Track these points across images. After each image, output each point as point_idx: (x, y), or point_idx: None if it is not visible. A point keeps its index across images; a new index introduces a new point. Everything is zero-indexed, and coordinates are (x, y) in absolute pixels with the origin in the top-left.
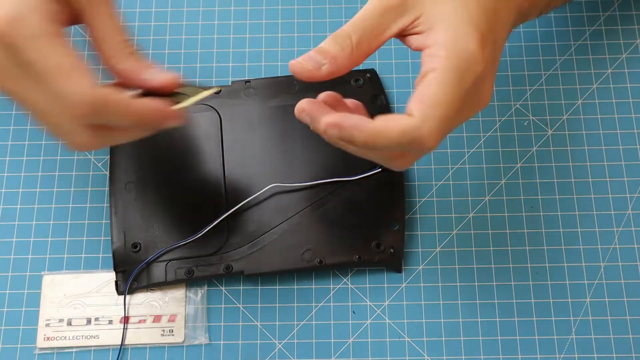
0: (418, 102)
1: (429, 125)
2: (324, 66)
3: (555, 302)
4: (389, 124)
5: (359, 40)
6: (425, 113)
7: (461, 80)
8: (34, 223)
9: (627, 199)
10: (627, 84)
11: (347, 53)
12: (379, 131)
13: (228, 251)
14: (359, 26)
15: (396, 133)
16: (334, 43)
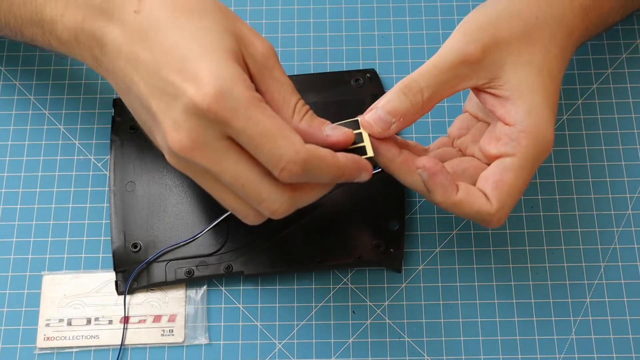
0: (497, 189)
1: (502, 212)
2: (392, 125)
3: (555, 302)
4: (470, 200)
5: (431, 96)
6: (503, 201)
7: (535, 167)
8: (34, 223)
9: (627, 199)
10: (627, 84)
11: (417, 109)
12: (459, 203)
13: (228, 251)
14: (432, 80)
15: (472, 211)
16: (404, 99)
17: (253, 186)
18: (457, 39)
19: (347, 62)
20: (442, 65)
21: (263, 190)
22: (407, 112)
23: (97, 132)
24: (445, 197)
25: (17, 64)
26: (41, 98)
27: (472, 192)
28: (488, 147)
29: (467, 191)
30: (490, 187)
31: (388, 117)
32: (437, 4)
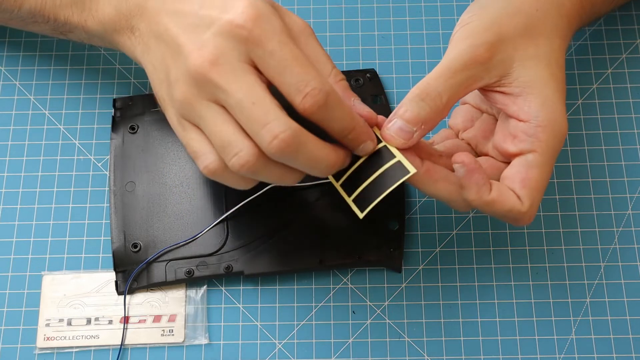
0: (525, 188)
1: (533, 210)
2: (415, 134)
3: (555, 302)
4: (502, 200)
5: (449, 99)
6: (533, 199)
7: (555, 159)
8: (34, 223)
9: (627, 199)
10: (628, 84)
11: (438, 114)
12: (491, 202)
13: (228, 251)
14: (448, 84)
15: (504, 210)
16: (424, 105)
17: (263, 105)
18: (464, 41)
19: (347, 62)
20: (454, 67)
21: (271, 111)
22: (428, 119)
23: (97, 132)
24: (479, 195)
25: (17, 64)
26: (41, 98)
27: (504, 191)
28: (504, 145)
29: (500, 190)
30: (519, 186)
31: (409, 126)
32: (437, 4)
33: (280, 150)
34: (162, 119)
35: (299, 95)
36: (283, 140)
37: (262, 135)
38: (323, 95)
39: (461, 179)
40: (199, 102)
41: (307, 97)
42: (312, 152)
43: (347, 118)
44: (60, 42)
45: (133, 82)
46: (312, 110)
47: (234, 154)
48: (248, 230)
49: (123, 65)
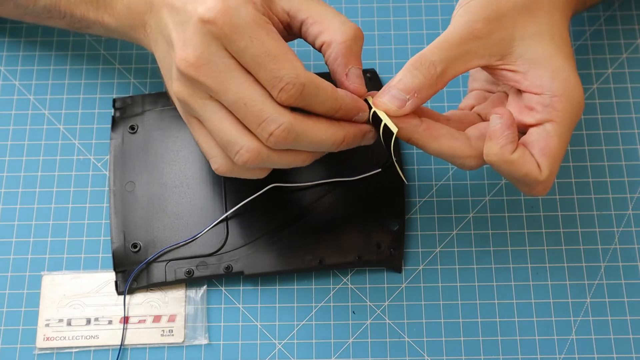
0: (544, 156)
1: (550, 179)
2: (408, 102)
3: (555, 302)
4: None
5: (444, 70)
6: (552, 168)
7: (572, 129)
8: (33, 223)
9: (627, 199)
10: (628, 84)
11: (431, 83)
12: (511, 162)
13: (228, 251)
14: (443, 55)
15: (522, 173)
16: (417, 73)
17: (255, 105)
18: (462, 17)
19: None
20: (451, 40)
21: (264, 109)
22: (421, 87)
23: (97, 132)
24: (502, 150)
25: (16, 64)
26: (41, 98)
27: (526, 155)
28: (520, 117)
29: (523, 153)
30: (538, 154)
31: (402, 94)
32: (437, 4)
33: (279, 144)
34: (162, 118)
35: (275, 91)
36: (279, 135)
37: (259, 133)
38: (297, 89)
39: (492, 129)
40: (194, 100)
41: (282, 92)
42: (314, 137)
43: (330, 101)
44: (60, 42)
45: (133, 82)
46: (290, 102)
47: (235, 152)
48: (248, 230)
49: (123, 65)
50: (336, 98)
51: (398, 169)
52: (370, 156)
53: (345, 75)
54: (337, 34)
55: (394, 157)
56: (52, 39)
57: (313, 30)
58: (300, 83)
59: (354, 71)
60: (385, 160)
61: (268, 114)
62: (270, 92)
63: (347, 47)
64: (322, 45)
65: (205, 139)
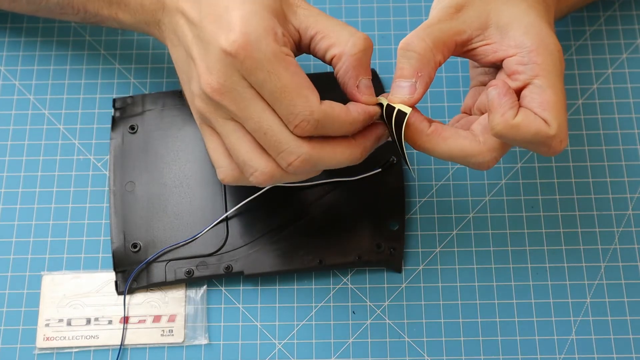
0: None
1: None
2: (417, 85)
3: (555, 302)
4: (528, 122)
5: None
6: (559, 119)
7: (562, 78)
8: (33, 223)
9: (627, 199)
10: (628, 84)
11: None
12: (516, 125)
13: (228, 251)
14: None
15: (531, 132)
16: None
17: (275, 134)
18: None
19: None
20: (430, 22)
21: (283, 140)
22: (419, 66)
23: (97, 132)
24: (505, 117)
25: (16, 64)
26: (41, 98)
27: (529, 115)
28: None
29: (526, 114)
30: (540, 111)
31: (407, 80)
32: None
33: (299, 171)
34: (162, 118)
35: (290, 126)
36: (298, 165)
37: (279, 161)
38: (312, 125)
39: (491, 102)
40: (215, 118)
41: (297, 129)
42: (332, 160)
43: (345, 126)
44: (60, 42)
45: (133, 82)
46: (306, 136)
47: (251, 173)
48: (248, 230)
49: (123, 65)
50: (350, 122)
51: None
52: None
53: (357, 87)
54: (347, 47)
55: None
56: (52, 39)
57: (322, 45)
58: (315, 119)
59: (364, 82)
60: (385, 161)
61: (287, 144)
62: (287, 124)
63: (357, 59)
64: (333, 59)
65: (217, 148)
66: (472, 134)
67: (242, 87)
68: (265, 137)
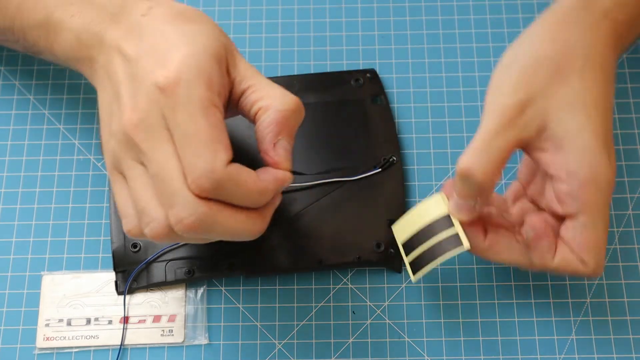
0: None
1: (599, 268)
2: (476, 205)
3: (555, 302)
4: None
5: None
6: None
7: (607, 208)
8: (33, 223)
9: (627, 199)
10: (628, 84)
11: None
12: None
13: (228, 251)
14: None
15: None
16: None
17: (173, 184)
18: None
19: (347, 62)
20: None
21: (180, 194)
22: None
23: (97, 132)
24: (543, 261)
25: (16, 64)
26: (41, 98)
27: (567, 256)
28: (554, 206)
29: (563, 256)
30: (579, 250)
31: (466, 202)
32: (437, 4)
33: (187, 231)
34: None
35: (189, 179)
36: (187, 225)
37: (169, 217)
38: (209, 184)
39: (529, 241)
40: (125, 160)
41: (193, 184)
42: (227, 228)
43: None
44: None
45: None
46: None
47: (146, 223)
48: None
49: None
50: (258, 191)
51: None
52: (371, 156)
53: (273, 145)
54: (277, 102)
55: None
56: None
57: (252, 98)
58: (214, 179)
59: (282, 143)
60: (385, 161)
61: (182, 199)
62: (187, 178)
63: (283, 116)
64: (258, 112)
65: (125, 197)
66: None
67: (159, 126)
68: (162, 185)
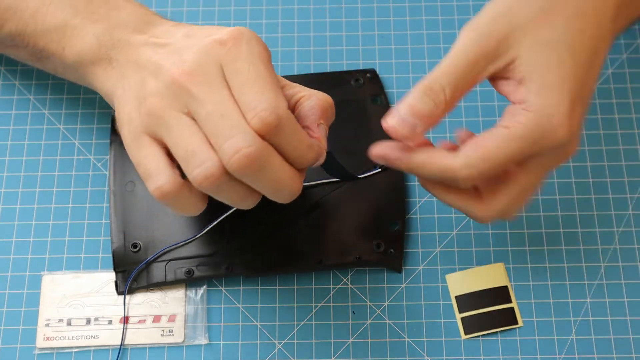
0: (471, 149)
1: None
2: (417, 128)
3: (555, 302)
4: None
5: (453, 94)
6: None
7: (529, 149)
8: (33, 223)
9: (627, 199)
10: (628, 84)
11: (441, 109)
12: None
13: (228, 251)
14: (452, 77)
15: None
16: (427, 100)
17: (231, 119)
18: (471, 34)
19: (347, 62)
20: (461, 61)
21: (238, 126)
22: (430, 113)
23: (97, 132)
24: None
25: (16, 64)
26: (40, 98)
27: (431, 152)
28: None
29: (427, 152)
30: (467, 147)
31: (411, 119)
32: (437, 4)
33: (242, 166)
34: None
35: (251, 114)
36: (246, 155)
37: (225, 149)
38: (274, 118)
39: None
40: (170, 112)
41: (256, 118)
42: (277, 174)
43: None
44: None
45: None
46: (263, 132)
47: (199, 164)
48: (248, 230)
49: None
50: (309, 145)
51: None
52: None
53: (316, 125)
54: (318, 94)
55: None
56: None
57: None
58: (278, 115)
59: (323, 127)
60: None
61: (242, 130)
62: (246, 116)
63: (324, 105)
64: (300, 99)
65: (157, 156)
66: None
67: (215, 74)
68: (220, 120)
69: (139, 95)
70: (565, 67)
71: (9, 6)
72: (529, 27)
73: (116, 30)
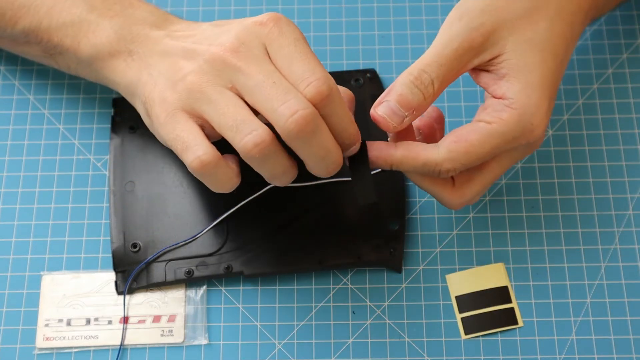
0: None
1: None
2: (406, 118)
3: (555, 302)
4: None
5: (441, 85)
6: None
7: (508, 144)
8: (33, 223)
9: (627, 199)
10: (628, 84)
11: (429, 102)
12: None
13: (228, 251)
14: (441, 70)
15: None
16: (417, 92)
17: (284, 85)
18: (459, 24)
19: (347, 62)
20: (447, 53)
21: (292, 91)
22: (419, 105)
23: (97, 132)
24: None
25: (16, 64)
26: (40, 98)
27: (412, 146)
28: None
29: (407, 147)
30: (449, 140)
31: (401, 110)
32: (437, 4)
33: (299, 126)
34: None
35: (303, 84)
36: (303, 116)
37: (281, 111)
38: (327, 87)
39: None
40: (213, 87)
41: (310, 87)
42: (326, 141)
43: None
44: None
45: None
46: (315, 100)
47: (249, 131)
48: (248, 230)
49: None
50: (352, 121)
51: None
52: None
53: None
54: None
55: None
56: None
57: None
58: (329, 85)
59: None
60: None
61: (295, 95)
62: (297, 86)
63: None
64: None
65: (193, 130)
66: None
67: (259, 49)
68: (273, 86)
69: (172, 77)
70: (546, 67)
71: (23, 4)
72: (515, 25)
73: (135, 26)
